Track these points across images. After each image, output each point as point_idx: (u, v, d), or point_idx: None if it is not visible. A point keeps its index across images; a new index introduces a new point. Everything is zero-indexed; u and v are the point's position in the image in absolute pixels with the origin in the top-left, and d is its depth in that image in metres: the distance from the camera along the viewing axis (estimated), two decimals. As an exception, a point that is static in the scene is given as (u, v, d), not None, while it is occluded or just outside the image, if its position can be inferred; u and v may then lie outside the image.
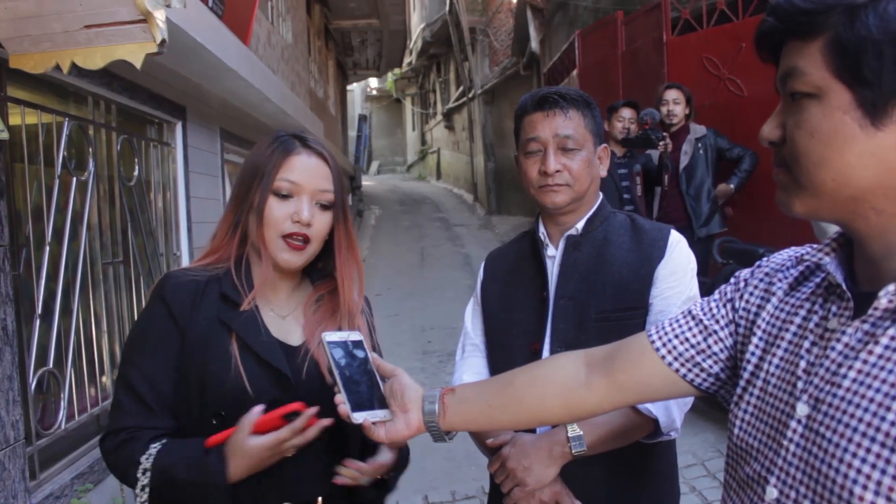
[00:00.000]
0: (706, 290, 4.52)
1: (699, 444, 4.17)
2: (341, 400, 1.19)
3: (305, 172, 1.44)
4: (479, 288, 1.82)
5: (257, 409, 1.28)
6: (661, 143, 4.95)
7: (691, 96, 5.12)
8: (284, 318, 1.50)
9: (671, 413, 1.48)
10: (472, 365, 1.76)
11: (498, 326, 1.73)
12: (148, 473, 1.31)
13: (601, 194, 1.72)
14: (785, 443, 0.88)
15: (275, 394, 1.37)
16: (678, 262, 1.59)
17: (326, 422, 1.32)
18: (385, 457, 1.43)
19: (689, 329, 1.09)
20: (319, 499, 1.43)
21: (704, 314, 1.09)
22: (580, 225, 1.65)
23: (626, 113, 5.27)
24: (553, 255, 1.67)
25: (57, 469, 3.05)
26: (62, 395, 3.12)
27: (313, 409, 1.30)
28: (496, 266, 1.82)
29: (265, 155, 1.46)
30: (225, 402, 1.36)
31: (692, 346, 1.07)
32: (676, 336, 1.09)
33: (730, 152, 5.09)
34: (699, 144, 5.08)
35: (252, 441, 1.26)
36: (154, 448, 1.33)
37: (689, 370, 1.08)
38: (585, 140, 1.61)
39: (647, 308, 1.57)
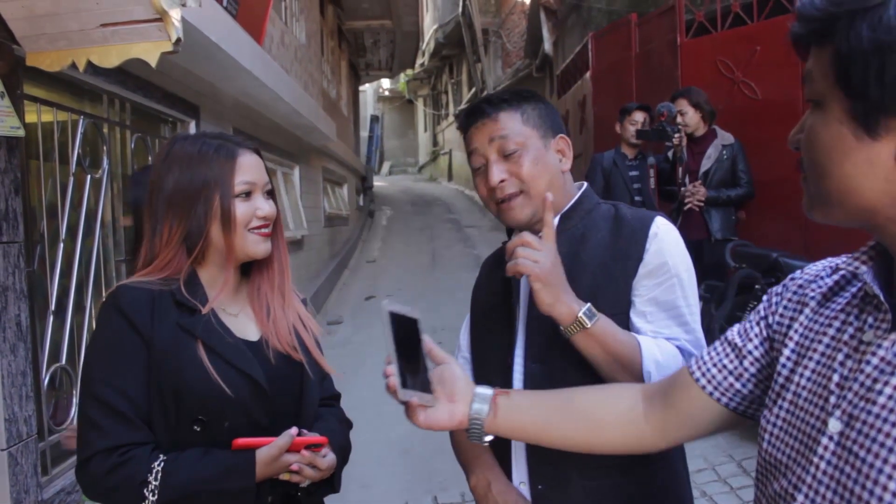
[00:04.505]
0: (720, 293, 4.50)
1: (710, 449, 4.15)
2: (391, 372, 1.15)
3: (253, 171, 1.50)
4: (472, 296, 1.72)
5: (295, 431, 1.38)
6: (675, 136, 4.91)
7: (702, 100, 5.02)
8: (237, 316, 1.53)
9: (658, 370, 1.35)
10: None
11: (477, 339, 1.64)
12: (157, 491, 1.32)
13: (583, 185, 1.57)
14: (815, 459, 0.84)
15: (249, 393, 1.42)
16: (660, 257, 1.42)
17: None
18: (330, 458, 1.46)
19: (727, 355, 1.06)
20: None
21: (739, 336, 1.06)
22: (554, 222, 1.47)
23: (639, 116, 5.25)
24: None
25: (69, 465, 3.06)
26: (74, 392, 3.13)
27: (332, 457, 1.46)
28: (484, 272, 1.71)
29: (206, 166, 1.46)
30: (204, 406, 1.38)
31: (730, 373, 1.04)
32: (714, 364, 1.06)
33: (739, 171, 5.00)
34: (724, 152, 5.00)
35: (285, 456, 1.37)
36: (158, 465, 1.34)
37: (731, 398, 1.05)
38: (528, 136, 1.46)
39: (625, 312, 1.42)
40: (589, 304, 1.30)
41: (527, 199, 1.45)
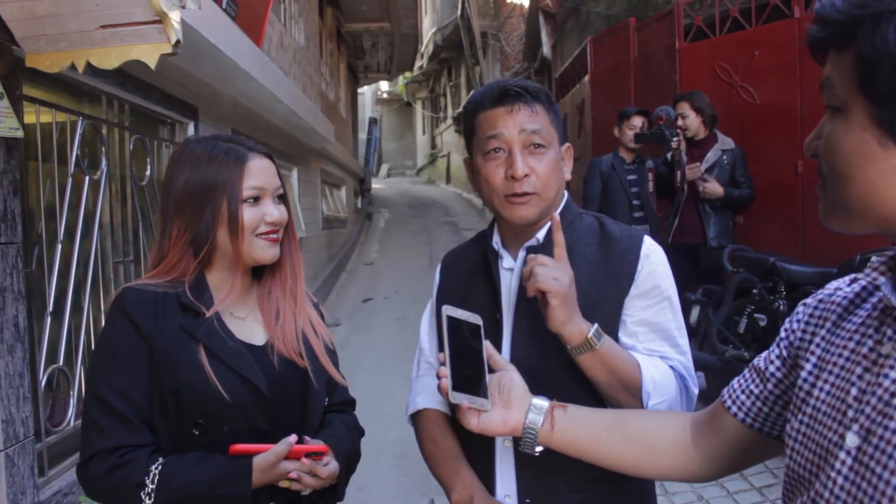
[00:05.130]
0: (717, 297, 4.50)
1: (707, 453, 4.15)
2: (444, 374, 1.16)
3: (264, 175, 1.49)
4: (435, 297, 1.64)
5: (293, 438, 1.38)
6: (674, 140, 4.91)
7: (702, 104, 5.02)
8: (245, 320, 1.53)
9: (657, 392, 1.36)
10: (427, 385, 1.61)
11: None
12: (153, 494, 1.32)
13: (566, 193, 1.54)
14: (832, 474, 0.82)
15: (249, 398, 1.41)
16: (652, 280, 1.43)
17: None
18: (332, 466, 1.45)
19: (752, 380, 1.06)
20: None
21: (763, 361, 1.05)
22: (541, 234, 1.47)
23: (637, 121, 5.24)
24: (511, 266, 1.49)
25: (65, 466, 3.06)
26: (72, 393, 3.13)
27: (334, 465, 1.44)
28: (451, 273, 1.64)
29: (215, 169, 1.45)
30: (202, 410, 1.39)
31: (757, 397, 1.05)
32: (743, 391, 1.07)
33: (738, 175, 5.02)
34: (724, 157, 5.00)
35: (283, 464, 1.37)
36: (156, 468, 1.34)
37: (763, 423, 1.04)
38: (552, 138, 1.43)
39: (615, 330, 1.41)
40: (596, 325, 1.30)
41: (538, 201, 1.42)
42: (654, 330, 1.42)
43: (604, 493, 1.42)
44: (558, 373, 1.37)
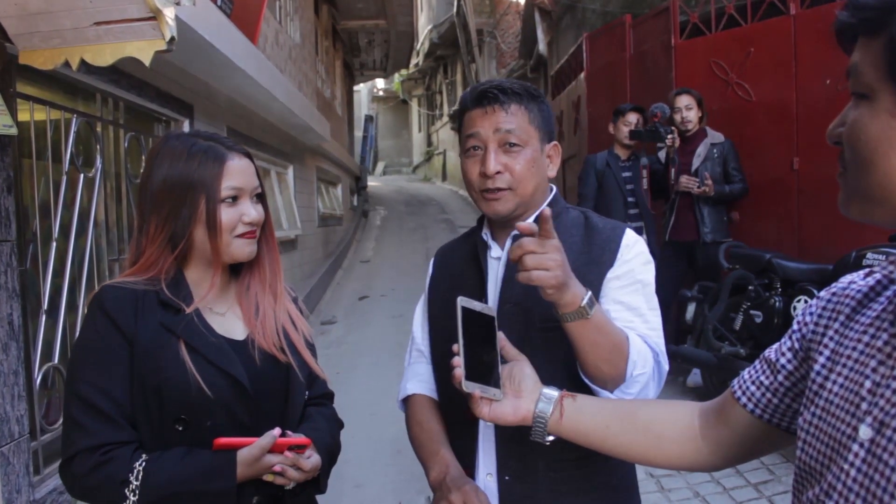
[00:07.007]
0: (713, 294, 4.51)
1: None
2: (458, 363, 1.20)
3: (242, 175, 1.49)
4: (428, 288, 1.72)
5: (277, 432, 1.39)
6: (668, 137, 4.94)
7: (702, 99, 5.11)
8: (224, 315, 1.53)
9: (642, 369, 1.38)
10: (416, 372, 1.67)
11: (441, 335, 1.61)
12: (137, 491, 1.32)
13: (553, 188, 1.61)
14: (846, 466, 0.82)
15: (231, 392, 1.42)
16: (628, 265, 1.49)
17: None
18: (314, 459, 1.46)
19: (763, 372, 1.06)
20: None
21: (774, 352, 1.05)
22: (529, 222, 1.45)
23: (632, 118, 5.27)
24: (499, 255, 1.56)
25: (60, 465, 3.05)
26: (67, 391, 3.12)
27: (316, 458, 1.45)
28: (443, 265, 1.71)
29: (194, 167, 1.44)
30: (185, 405, 1.38)
31: (767, 388, 1.05)
32: (753, 382, 1.07)
33: (731, 169, 5.06)
34: (714, 150, 5.05)
35: (268, 458, 1.38)
36: (140, 465, 1.34)
37: (772, 414, 1.05)
38: (530, 136, 1.49)
39: None
40: (590, 293, 1.28)
41: (512, 196, 1.49)
42: (626, 308, 1.47)
43: (582, 473, 1.47)
44: (540, 354, 1.40)
